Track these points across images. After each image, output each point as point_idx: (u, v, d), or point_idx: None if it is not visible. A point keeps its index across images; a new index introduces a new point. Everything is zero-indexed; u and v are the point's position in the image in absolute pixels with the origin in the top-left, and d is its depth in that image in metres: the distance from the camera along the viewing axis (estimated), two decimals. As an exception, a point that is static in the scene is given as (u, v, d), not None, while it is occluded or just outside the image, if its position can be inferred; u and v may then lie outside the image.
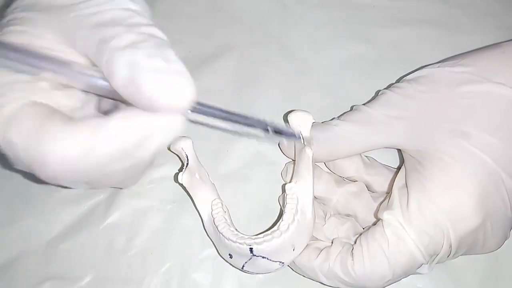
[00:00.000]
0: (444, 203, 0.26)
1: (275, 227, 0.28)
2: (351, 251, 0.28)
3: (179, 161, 0.35)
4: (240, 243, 0.28)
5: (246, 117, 0.27)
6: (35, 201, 0.35)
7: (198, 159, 0.33)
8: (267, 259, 0.28)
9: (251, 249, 0.28)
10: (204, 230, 0.32)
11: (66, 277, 0.33)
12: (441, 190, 0.26)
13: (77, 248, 0.34)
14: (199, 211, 0.32)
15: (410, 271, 0.27)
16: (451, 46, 0.37)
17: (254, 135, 0.28)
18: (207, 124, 0.25)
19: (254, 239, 0.28)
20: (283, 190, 0.34)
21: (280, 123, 0.29)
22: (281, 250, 0.28)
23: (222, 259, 0.32)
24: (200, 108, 0.24)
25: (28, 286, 0.32)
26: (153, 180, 0.35)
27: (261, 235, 0.28)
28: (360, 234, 0.29)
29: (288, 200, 0.29)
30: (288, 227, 0.28)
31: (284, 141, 0.33)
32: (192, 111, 0.23)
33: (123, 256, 0.33)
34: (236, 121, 0.26)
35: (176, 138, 0.33)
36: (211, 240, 0.32)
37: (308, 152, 0.30)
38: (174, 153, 0.34)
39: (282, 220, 0.28)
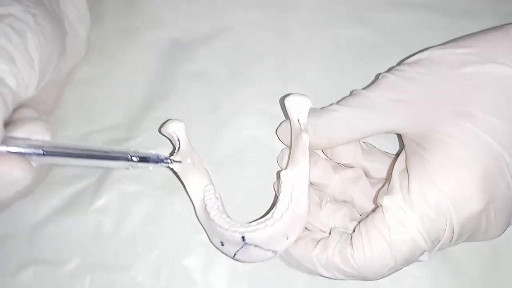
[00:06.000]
0: (446, 186, 0.25)
1: (269, 215, 0.28)
2: (350, 240, 0.27)
3: (171, 144, 0.34)
4: (232, 231, 0.28)
5: (106, 152, 0.25)
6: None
7: (190, 143, 0.32)
8: (260, 247, 0.27)
9: (243, 237, 0.27)
10: (195, 216, 0.31)
11: (51, 262, 0.32)
12: (443, 172, 0.25)
13: (63, 232, 0.33)
14: (191, 197, 0.31)
15: (413, 258, 0.27)
16: (451, 30, 0.36)
17: (118, 167, 0.26)
18: (64, 164, 0.24)
19: (246, 227, 0.27)
20: (278, 177, 0.33)
21: (143, 151, 0.28)
22: (274, 238, 0.27)
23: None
24: (52, 150, 0.22)
25: (11, 270, 0.32)
26: (144, 164, 0.35)
27: (254, 223, 0.28)
28: (359, 222, 0.28)
29: (282, 188, 0.28)
30: (282, 215, 0.27)
31: (150, 167, 0.30)
32: (44, 154, 0.22)
33: (111, 241, 0.33)
34: (96, 157, 0.25)
35: (167, 121, 0.32)
36: (203, 227, 0.31)
37: (305, 138, 0.29)
38: (166, 136, 0.33)
39: (276, 208, 0.28)
